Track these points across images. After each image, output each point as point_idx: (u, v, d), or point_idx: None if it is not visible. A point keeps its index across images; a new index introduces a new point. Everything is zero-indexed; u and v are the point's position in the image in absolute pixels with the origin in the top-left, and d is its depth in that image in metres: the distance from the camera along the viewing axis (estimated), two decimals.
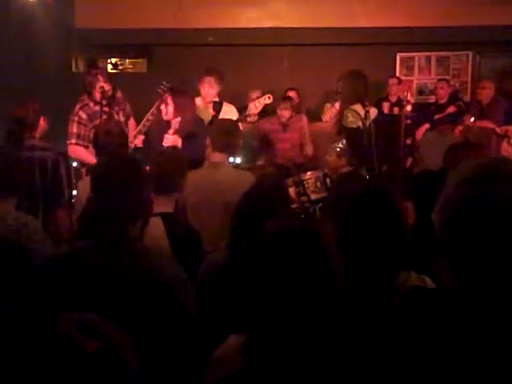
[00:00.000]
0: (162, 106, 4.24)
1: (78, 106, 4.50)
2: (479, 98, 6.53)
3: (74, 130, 4.44)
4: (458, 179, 1.14)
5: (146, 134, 4.45)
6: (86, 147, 4.44)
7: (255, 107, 4.77)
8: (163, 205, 2.75)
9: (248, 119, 5.06)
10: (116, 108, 4.62)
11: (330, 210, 2.61)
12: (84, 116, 4.44)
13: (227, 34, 7.33)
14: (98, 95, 4.41)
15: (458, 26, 7.11)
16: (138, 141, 4.40)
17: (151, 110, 4.43)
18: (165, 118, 4.27)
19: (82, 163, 4.50)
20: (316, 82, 7.08)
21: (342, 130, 4.46)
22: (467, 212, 1.09)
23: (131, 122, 4.83)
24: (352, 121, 4.36)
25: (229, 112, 4.75)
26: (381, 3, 7.17)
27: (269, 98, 4.70)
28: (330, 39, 7.32)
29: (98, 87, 4.40)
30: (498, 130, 6.06)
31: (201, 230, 2.85)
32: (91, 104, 4.46)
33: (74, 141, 4.44)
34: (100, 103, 4.38)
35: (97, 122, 4.34)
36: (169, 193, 2.78)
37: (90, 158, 4.30)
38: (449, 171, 1.22)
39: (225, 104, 4.83)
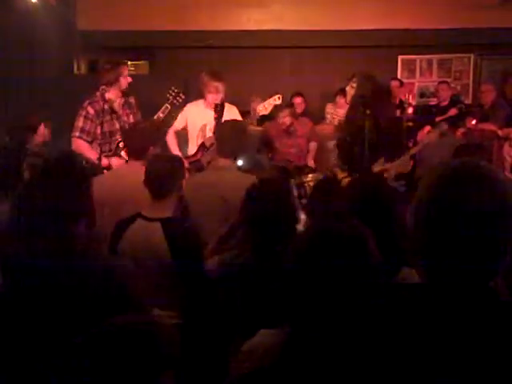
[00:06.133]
0: None
1: (87, 101, 4.49)
2: (482, 102, 6.53)
3: (80, 123, 4.43)
4: (430, 181, 1.17)
5: None
6: (90, 143, 4.44)
7: (265, 108, 4.66)
8: (161, 209, 2.72)
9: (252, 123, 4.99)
10: (127, 111, 4.63)
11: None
12: (91, 111, 4.42)
13: (229, 36, 7.34)
14: (123, 84, 4.50)
15: (459, 29, 7.13)
16: None
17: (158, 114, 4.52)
18: None
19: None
20: (318, 84, 7.09)
21: (347, 127, 4.44)
22: (439, 212, 1.13)
23: None
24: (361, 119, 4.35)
25: (232, 113, 4.71)
26: (383, 6, 7.17)
27: (278, 98, 4.62)
28: (332, 42, 7.33)
29: (124, 76, 4.50)
30: (499, 132, 6.05)
31: (203, 233, 2.83)
32: (101, 102, 4.45)
33: (77, 134, 4.41)
34: (122, 92, 4.50)
35: (104, 119, 4.36)
36: (166, 197, 2.74)
37: (92, 153, 4.29)
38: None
39: (226, 105, 4.78)
